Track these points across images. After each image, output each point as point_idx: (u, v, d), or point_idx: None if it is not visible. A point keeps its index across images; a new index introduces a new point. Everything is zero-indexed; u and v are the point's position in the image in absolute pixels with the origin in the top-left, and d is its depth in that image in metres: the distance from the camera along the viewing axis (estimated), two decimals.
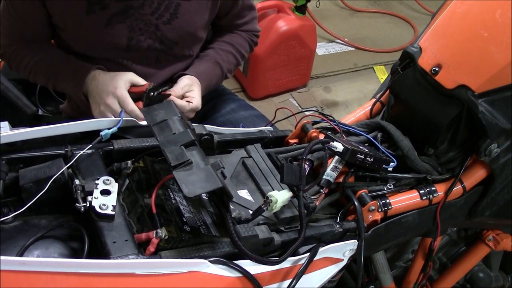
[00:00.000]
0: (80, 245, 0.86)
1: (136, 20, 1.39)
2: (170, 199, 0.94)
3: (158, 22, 1.41)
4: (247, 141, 1.14)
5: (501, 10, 1.02)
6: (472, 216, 1.19)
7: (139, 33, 1.41)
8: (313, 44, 2.86)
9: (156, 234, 0.85)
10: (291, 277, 0.91)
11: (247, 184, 1.03)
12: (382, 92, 1.26)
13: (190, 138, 0.91)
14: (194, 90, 1.43)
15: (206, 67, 1.53)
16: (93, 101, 1.37)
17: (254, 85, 2.86)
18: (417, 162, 1.10)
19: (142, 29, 1.41)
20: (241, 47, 1.63)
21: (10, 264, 0.70)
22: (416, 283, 1.30)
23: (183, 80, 1.44)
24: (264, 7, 2.72)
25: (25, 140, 0.95)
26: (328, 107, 2.92)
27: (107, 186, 0.90)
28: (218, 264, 0.85)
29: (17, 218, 0.89)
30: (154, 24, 1.41)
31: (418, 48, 1.11)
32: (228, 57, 1.59)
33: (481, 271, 1.55)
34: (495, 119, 1.04)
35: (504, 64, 1.01)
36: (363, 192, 1.06)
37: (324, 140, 1.04)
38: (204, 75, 1.50)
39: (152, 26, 1.41)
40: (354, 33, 3.49)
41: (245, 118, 1.65)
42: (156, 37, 1.43)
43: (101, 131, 0.99)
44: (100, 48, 1.42)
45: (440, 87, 1.05)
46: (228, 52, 1.60)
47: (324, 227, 1.01)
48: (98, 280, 0.75)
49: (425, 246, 1.22)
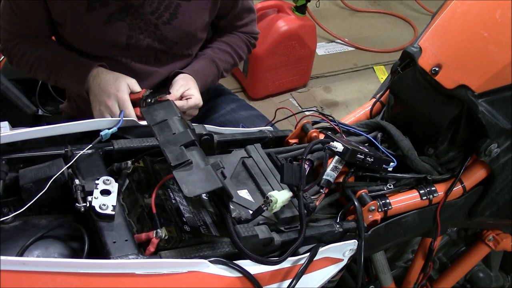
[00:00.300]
0: (80, 245, 0.86)
1: (136, 18, 1.39)
2: (170, 199, 0.94)
3: (158, 22, 1.41)
4: (247, 141, 1.14)
5: (501, 10, 1.02)
6: (472, 216, 1.19)
7: (138, 32, 1.41)
8: (313, 44, 2.86)
9: (156, 234, 0.85)
10: (291, 277, 0.91)
11: (247, 184, 1.03)
12: (382, 92, 1.26)
13: (190, 138, 0.91)
14: (191, 87, 1.43)
15: (202, 65, 1.54)
16: (94, 99, 1.37)
17: (254, 85, 2.86)
18: (417, 162, 1.10)
19: (142, 28, 1.41)
20: (239, 48, 1.63)
21: (10, 264, 0.70)
22: (416, 283, 1.30)
23: (178, 81, 1.44)
24: (264, 7, 2.72)
25: (25, 140, 0.95)
26: (328, 107, 2.92)
27: (107, 186, 0.90)
28: (218, 264, 0.85)
29: (17, 218, 0.89)
30: (154, 23, 1.41)
31: (418, 48, 1.11)
32: (225, 57, 1.60)
33: (481, 271, 1.55)
34: (495, 119, 1.04)
35: (504, 64, 1.01)
36: (363, 192, 1.06)
37: (324, 140, 1.04)
38: (200, 73, 1.51)
39: (151, 25, 1.41)
40: (354, 33, 3.49)
41: (245, 118, 1.65)
42: (156, 37, 1.43)
43: (101, 131, 0.99)
44: (99, 45, 1.42)
45: (440, 87, 1.05)
46: (225, 52, 1.60)
47: (324, 227, 1.01)
48: (98, 280, 0.75)
49: (425, 246, 1.22)
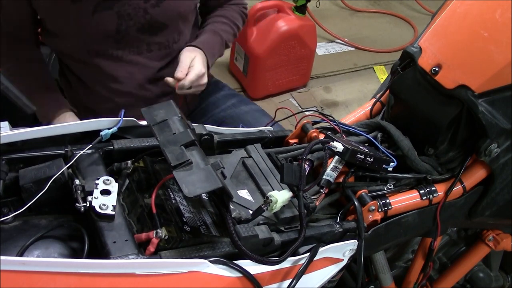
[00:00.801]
0: (80, 245, 0.86)
1: (124, 5, 1.39)
2: (170, 199, 0.94)
3: (146, 6, 1.41)
4: (247, 141, 1.14)
5: (501, 10, 1.02)
6: (472, 216, 1.19)
7: (127, 18, 1.40)
8: (313, 44, 2.86)
9: (156, 234, 0.85)
10: (291, 277, 0.91)
11: (247, 184, 1.03)
12: (382, 92, 1.26)
13: (190, 138, 0.91)
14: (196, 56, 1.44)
15: (206, 37, 1.55)
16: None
17: (254, 85, 2.86)
18: (417, 162, 1.10)
19: (131, 13, 1.40)
20: (235, 19, 1.66)
21: (10, 264, 0.70)
22: (416, 283, 1.30)
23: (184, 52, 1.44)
24: (264, 7, 2.72)
25: (25, 140, 0.95)
26: (328, 107, 2.92)
27: (107, 186, 0.90)
28: (218, 264, 0.85)
29: (17, 218, 0.89)
30: (143, 7, 1.41)
31: (418, 48, 1.11)
32: (225, 27, 1.62)
33: (481, 271, 1.55)
34: (495, 119, 1.04)
35: (504, 64, 1.01)
36: (363, 192, 1.06)
37: (324, 140, 1.04)
38: (206, 43, 1.52)
39: (140, 10, 1.41)
40: (354, 33, 3.49)
41: (246, 113, 1.65)
42: (145, 21, 1.43)
43: (101, 131, 0.99)
44: (89, 38, 1.41)
45: (440, 87, 1.05)
46: (224, 23, 1.62)
47: (324, 227, 1.01)
48: (98, 280, 0.75)
49: (425, 246, 1.22)
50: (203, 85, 1.47)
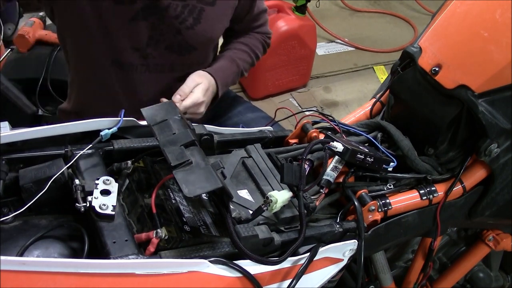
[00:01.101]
0: (80, 245, 0.86)
1: (159, 20, 1.37)
2: (170, 199, 0.94)
3: (180, 27, 1.40)
4: (247, 141, 1.14)
5: (501, 10, 1.02)
6: (472, 216, 1.19)
7: (159, 33, 1.39)
8: (313, 44, 2.86)
9: (156, 234, 0.85)
10: (291, 277, 0.91)
11: (247, 184, 1.03)
12: (382, 92, 1.26)
13: (190, 138, 0.91)
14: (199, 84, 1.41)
15: (222, 64, 1.53)
16: None
17: (254, 85, 2.86)
18: (417, 162, 1.10)
19: (163, 30, 1.39)
20: (256, 48, 1.65)
21: (10, 264, 0.70)
22: (416, 283, 1.30)
23: (191, 76, 1.42)
24: None
25: (25, 140, 0.95)
26: (328, 107, 2.92)
27: (107, 186, 0.90)
28: (218, 264, 0.84)
29: (17, 218, 0.89)
30: (176, 28, 1.39)
31: (418, 48, 1.11)
32: (244, 56, 1.60)
33: (481, 271, 1.55)
34: (495, 119, 1.04)
35: (504, 64, 1.01)
36: (363, 192, 1.06)
37: (324, 140, 1.04)
38: (220, 71, 1.50)
39: (173, 29, 1.39)
40: (354, 33, 3.49)
41: (252, 120, 1.65)
42: (176, 41, 1.41)
43: (101, 131, 0.99)
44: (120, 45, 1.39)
45: (440, 87, 1.05)
46: (244, 51, 1.61)
47: (324, 227, 1.01)
48: (98, 280, 0.75)
49: (425, 246, 1.22)
50: (199, 114, 1.43)
